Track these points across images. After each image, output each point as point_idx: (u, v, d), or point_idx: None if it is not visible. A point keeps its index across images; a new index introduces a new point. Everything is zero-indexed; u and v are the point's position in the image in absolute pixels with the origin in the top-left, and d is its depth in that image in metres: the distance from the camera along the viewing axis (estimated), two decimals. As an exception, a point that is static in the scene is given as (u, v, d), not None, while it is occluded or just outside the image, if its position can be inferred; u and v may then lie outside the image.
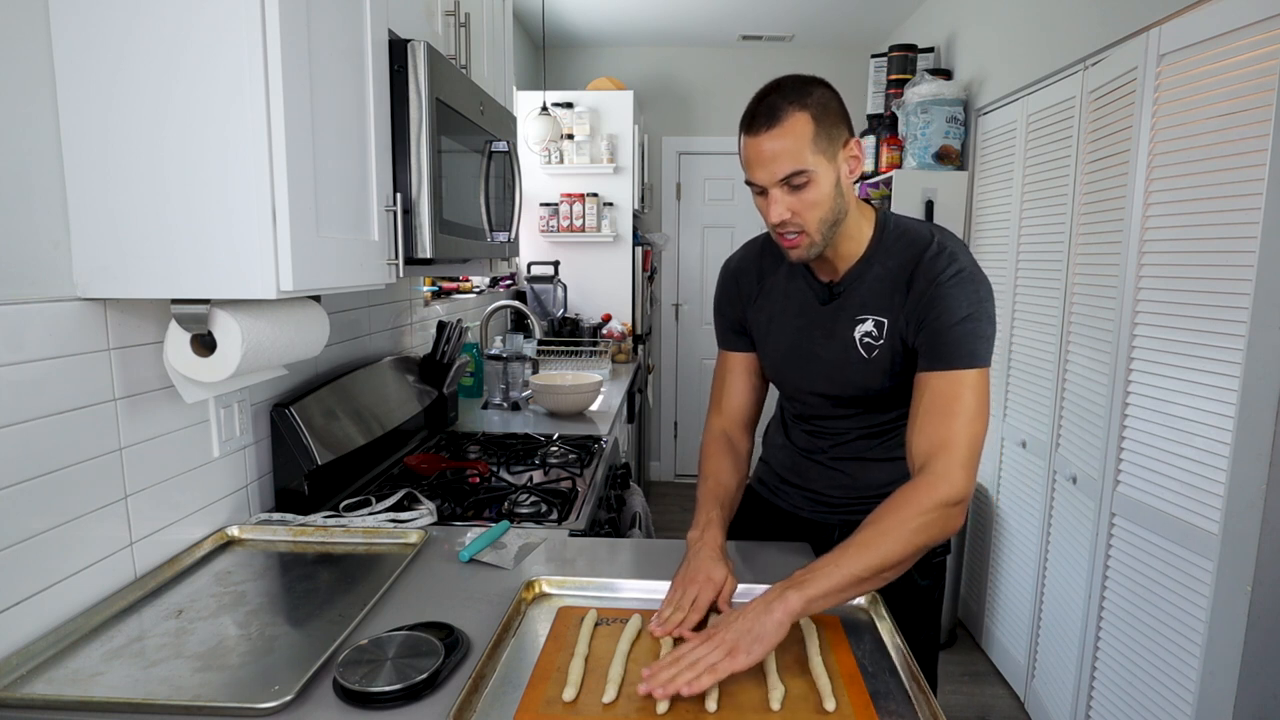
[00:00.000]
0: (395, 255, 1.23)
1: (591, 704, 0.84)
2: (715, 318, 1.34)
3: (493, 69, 1.91)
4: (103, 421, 1.03)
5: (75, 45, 0.91)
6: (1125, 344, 1.81)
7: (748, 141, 1.03)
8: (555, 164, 3.56)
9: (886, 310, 1.11)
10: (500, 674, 0.90)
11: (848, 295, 1.15)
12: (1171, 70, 1.67)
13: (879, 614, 1.04)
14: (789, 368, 1.24)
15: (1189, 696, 1.59)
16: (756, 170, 1.03)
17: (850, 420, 1.23)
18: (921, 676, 0.87)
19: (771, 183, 1.02)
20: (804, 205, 1.03)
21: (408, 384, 1.92)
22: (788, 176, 1.01)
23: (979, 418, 1.02)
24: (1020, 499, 2.42)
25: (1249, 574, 1.46)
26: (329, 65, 1.03)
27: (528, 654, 0.95)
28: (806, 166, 1.01)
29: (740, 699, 0.85)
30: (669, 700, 0.83)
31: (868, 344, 1.13)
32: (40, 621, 0.94)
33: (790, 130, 1.00)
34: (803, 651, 0.94)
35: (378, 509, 1.42)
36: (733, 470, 1.25)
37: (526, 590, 1.09)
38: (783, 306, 1.22)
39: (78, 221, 0.95)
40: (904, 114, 2.91)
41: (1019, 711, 2.35)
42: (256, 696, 0.84)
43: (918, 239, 1.11)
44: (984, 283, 1.07)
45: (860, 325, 1.14)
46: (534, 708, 0.83)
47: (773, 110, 1.01)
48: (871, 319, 1.13)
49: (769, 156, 1.01)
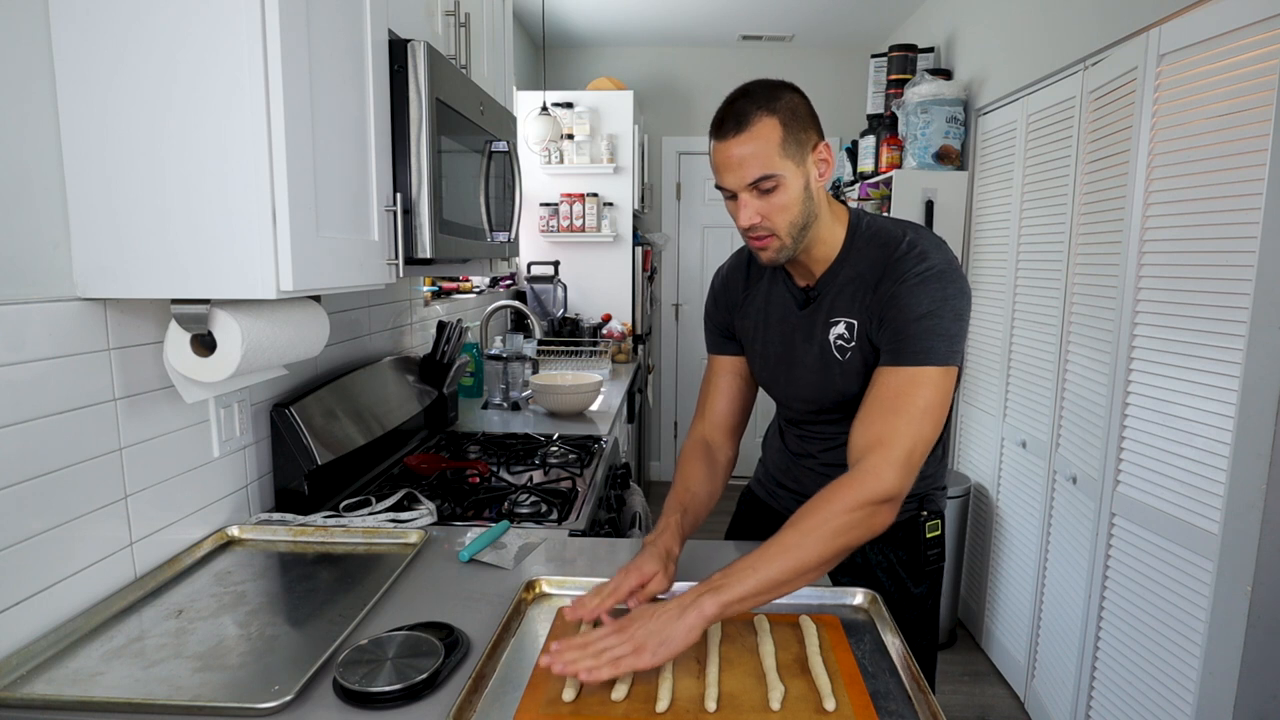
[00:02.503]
0: (395, 255, 1.23)
1: (591, 704, 0.84)
2: (705, 323, 1.36)
3: (493, 69, 1.91)
4: (103, 421, 1.03)
5: (75, 45, 0.91)
6: (1125, 344, 1.81)
7: (717, 147, 1.04)
8: (555, 164, 3.56)
9: (857, 312, 1.11)
10: (500, 674, 0.90)
11: (822, 299, 1.15)
12: (1171, 70, 1.67)
13: (879, 614, 1.04)
14: (774, 374, 1.24)
15: (1189, 696, 1.59)
16: (725, 175, 1.04)
17: (836, 425, 1.21)
18: (921, 677, 0.87)
19: (740, 187, 1.03)
20: (773, 209, 1.03)
21: (408, 384, 1.92)
22: (756, 181, 1.01)
23: (927, 417, 0.99)
24: (1020, 499, 2.42)
25: (1249, 574, 1.46)
26: (329, 65, 1.03)
27: (528, 654, 0.94)
28: (775, 171, 1.01)
29: (740, 699, 0.85)
30: (669, 699, 0.83)
31: (841, 347, 1.13)
32: (40, 621, 0.94)
33: (758, 135, 1.00)
34: (803, 651, 0.94)
35: (377, 509, 1.42)
36: (705, 478, 1.23)
37: (527, 590, 1.09)
38: (766, 313, 1.23)
39: (78, 221, 0.95)
40: (904, 114, 2.91)
41: (1019, 711, 2.35)
42: (256, 696, 0.84)
43: (889, 239, 1.10)
44: (955, 281, 1.04)
45: (834, 328, 1.13)
46: (534, 708, 0.83)
47: (741, 115, 1.01)
48: (844, 321, 1.12)
49: (737, 161, 1.01)
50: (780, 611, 1.03)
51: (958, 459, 2.95)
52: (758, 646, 0.95)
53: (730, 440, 1.32)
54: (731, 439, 1.32)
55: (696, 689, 0.86)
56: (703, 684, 0.87)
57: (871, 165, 3.19)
